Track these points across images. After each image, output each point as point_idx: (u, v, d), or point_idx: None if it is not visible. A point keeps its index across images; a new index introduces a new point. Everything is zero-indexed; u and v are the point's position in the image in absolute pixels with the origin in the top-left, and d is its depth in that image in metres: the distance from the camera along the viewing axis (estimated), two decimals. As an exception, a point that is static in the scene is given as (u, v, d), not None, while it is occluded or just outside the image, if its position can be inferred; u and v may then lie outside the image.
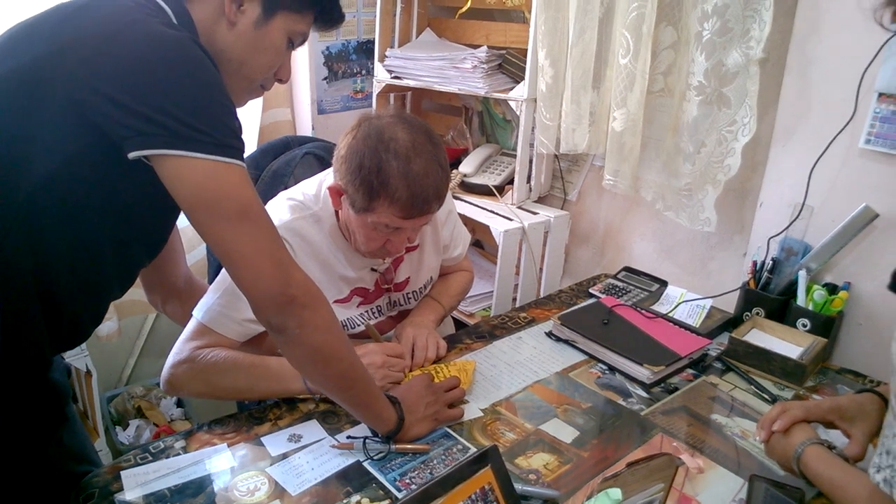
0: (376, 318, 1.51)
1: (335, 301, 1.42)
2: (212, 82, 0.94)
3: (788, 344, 1.53)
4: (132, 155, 0.90)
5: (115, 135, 0.90)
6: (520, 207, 2.21)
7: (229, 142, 0.93)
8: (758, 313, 1.62)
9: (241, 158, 0.96)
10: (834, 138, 1.50)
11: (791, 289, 1.59)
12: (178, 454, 1.18)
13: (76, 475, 1.14)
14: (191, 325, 1.32)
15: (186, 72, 0.92)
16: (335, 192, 1.30)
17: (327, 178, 1.39)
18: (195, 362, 1.26)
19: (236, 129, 0.96)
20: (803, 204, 1.58)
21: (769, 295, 1.62)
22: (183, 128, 0.89)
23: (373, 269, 1.47)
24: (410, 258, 1.54)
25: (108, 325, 2.11)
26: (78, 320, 1.12)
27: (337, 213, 1.37)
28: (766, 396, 1.40)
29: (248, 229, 0.96)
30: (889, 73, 1.40)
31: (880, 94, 1.42)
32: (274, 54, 1.11)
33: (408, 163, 1.21)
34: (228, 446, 1.20)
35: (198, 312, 1.31)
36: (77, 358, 1.97)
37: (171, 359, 1.28)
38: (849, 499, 0.97)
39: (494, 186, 2.23)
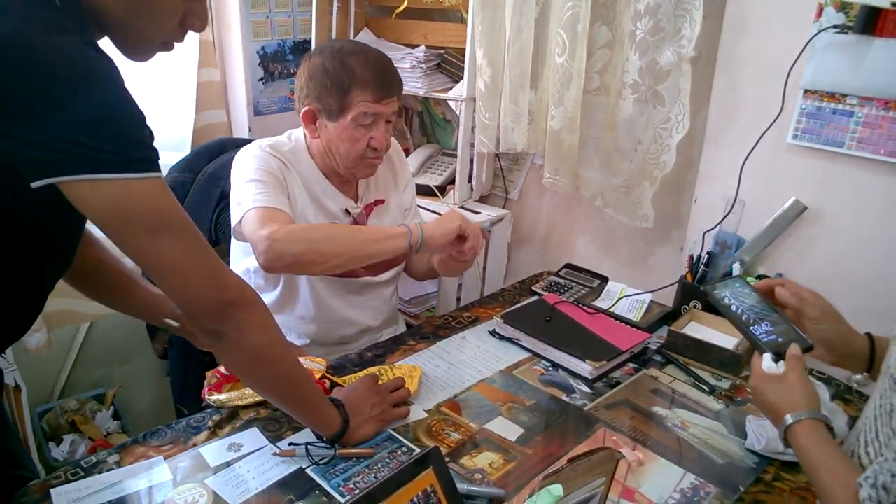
0: None
1: None
2: (109, 94, 0.86)
3: (724, 335, 1.57)
4: (36, 184, 0.83)
5: (14, 165, 0.83)
6: (462, 207, 2.21)
7: (137, 155, 0.87)
8: (695, 306, 1.66)
9: (154, 168, 0.89)
10: (763, 134, 1.54)
11: (726, 281, 1.63)
12: (112, 469, 1.13)
13: (11, 479, 1.09)
14: (252, 217, 1.33)
15: (80, 89, 0.83)
16: (310, 118, 1.43)
17: (286, 132, 1.54)
18: (289, 229, 1.30)
19: (145, 139, 0.89)
20: (735, 198, 1.62)
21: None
22: (84, 150, 0.82)
23: (347, 212, 1.54)
24: (378, 211, 1.61)
25: (36, 337, 2.02)
26: None
27: (310, 151, 1.49)
28: (704, 387, 1.43)
29: (171, 240, 0.91)
30: (813, 69, 1.44)
31: (806, 91, 1.47)
32: (163, 13, 0.96)
33: (365, 54, 1.41)
34: (165, 458, 1.16)
35: (245, 206, 1.35)
36: (4, 372, 1.87)
37: (263, 233, 1.29)
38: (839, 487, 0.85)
39: (436, 186, 2.23)
